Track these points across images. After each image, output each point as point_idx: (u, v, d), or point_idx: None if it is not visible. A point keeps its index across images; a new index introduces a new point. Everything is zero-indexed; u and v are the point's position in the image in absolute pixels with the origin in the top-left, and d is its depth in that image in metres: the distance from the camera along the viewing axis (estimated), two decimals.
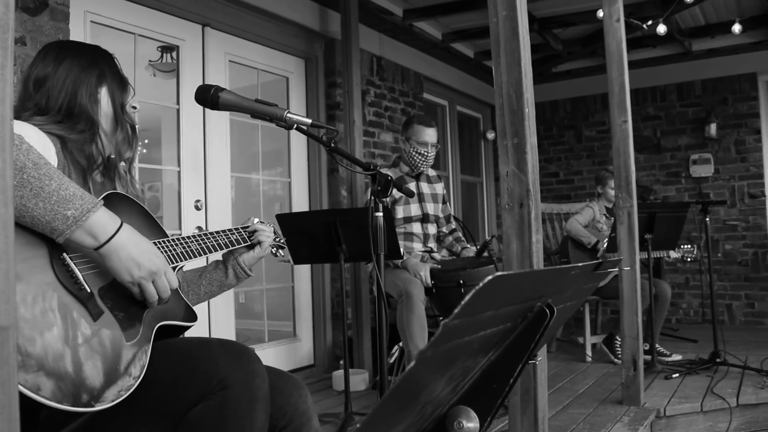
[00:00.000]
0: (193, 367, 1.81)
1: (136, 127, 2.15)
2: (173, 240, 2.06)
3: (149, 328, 1.86)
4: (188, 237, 2.12)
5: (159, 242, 1.99)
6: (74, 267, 1.69)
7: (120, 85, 2.08)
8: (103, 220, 1.68)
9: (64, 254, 1.68)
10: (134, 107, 2.16)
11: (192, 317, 2.06)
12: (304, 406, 2.08)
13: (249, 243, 2.38)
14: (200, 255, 2.13)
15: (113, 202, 1.94)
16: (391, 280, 4.46)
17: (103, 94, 2.03)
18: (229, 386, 1.78)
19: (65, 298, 1.63)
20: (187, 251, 2.08)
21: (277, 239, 2.52)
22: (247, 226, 2.40)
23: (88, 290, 1.70)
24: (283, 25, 5.69)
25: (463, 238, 5.15)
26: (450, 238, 5.08)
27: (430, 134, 4.81)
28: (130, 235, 1.75)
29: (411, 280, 4.39)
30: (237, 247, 2.34)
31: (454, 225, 5.20)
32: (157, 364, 1.81)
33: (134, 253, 1.74)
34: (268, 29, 5.57)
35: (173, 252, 2.03)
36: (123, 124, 2.07)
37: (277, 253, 2.53)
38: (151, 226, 2.06)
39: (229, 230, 2.32)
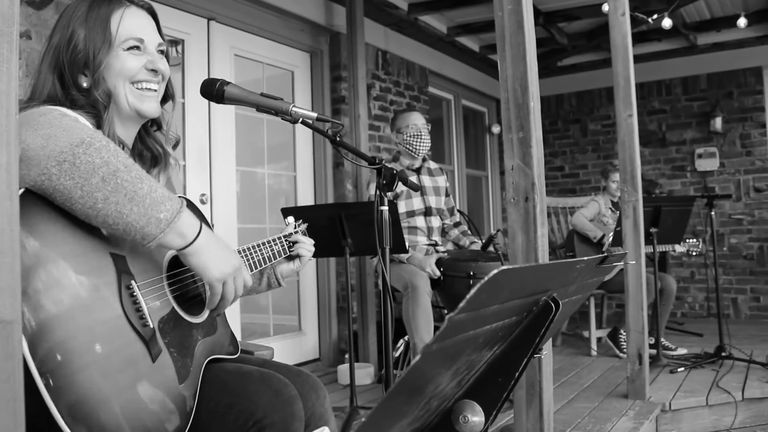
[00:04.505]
0: (230, 403, 1.73)
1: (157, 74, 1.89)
2: None
3: (199, 365, 1.76)
4: (239, 251, 2.03)
5: None
6: (141, 299, 1.59)
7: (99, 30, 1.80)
8: (189, 218, 1.60)
9: (133, 282, 1.59)
10: (161, 51, 1.91)
11: (236, 349, 1.97)
12: (322, 409, 2.00)
13: (289, 254, 2.27)
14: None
15: None
16: (397, 273, 4.46)
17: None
18: (265, 429, 1.70)
19: (130, 336, 1.53)
20: None
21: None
22: (289, 234, 2.29)
23: (152, 325, 1.60)
24: (288, 19, 5.68)
25: (469, 232, 5.14)
26: (456, 231, 5.07)
27: (414, 117, 4.90)
28: (209, 232, 1.67)
29: (417, 272, 4.39)
30: (279, 260, 2.24)
31: (458, 218, 5.19)
32: None
33: (219, 249, 1.68)
34: (273, 23, 5.57)
35: None
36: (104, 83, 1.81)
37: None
38: None
39: (273, 240, 2.21)
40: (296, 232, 2.32)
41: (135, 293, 1.58)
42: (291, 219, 2.39)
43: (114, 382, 1.45)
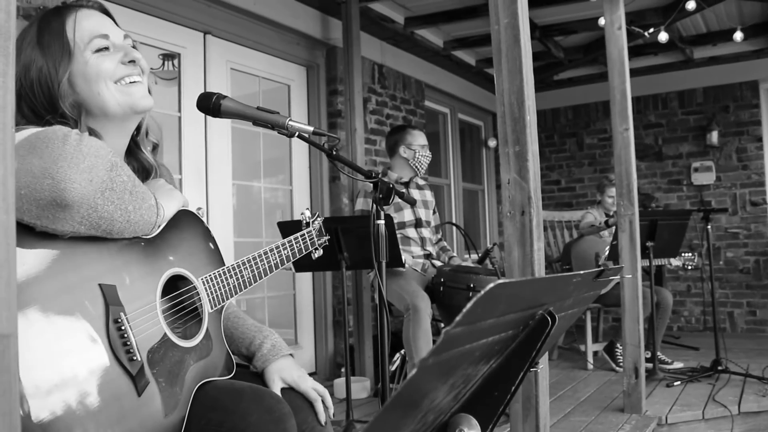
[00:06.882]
0: (221, 420, 1.68)
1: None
2: (227, 270, 1.94)
3: (189, 390, 1.71)
4: (242, 263, 1.99)
5: (213, 275, 1.88)
6: (130, 332, 1.54)
7: (57, 50, 1.73)
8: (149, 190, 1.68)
9: (122, 314, 1.53)
10: (133, 44, 1.85)
11: (231, 369, 1.90)
12: (321, 426, 1.95)
13: (293, 259, 2.21)
14: (252, 284, 2.01)
15: (180, 220, 1.86)
16: (397, 292, 4.45)
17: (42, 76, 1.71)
18: None
19: (115, 371, 1.49)
20: (240, 282, 1.96)
21: (321, 241, 2.40)
22: (302, 234, 2.27)
23: (139, 359, 1.54)
24: (284, 33, 5.69)
25: (449, 248, 5.20)
26: (436, 248, 5.11)
27: (423, 138, 5.13)
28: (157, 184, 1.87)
29: (419, 293, 4.38)
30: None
31: (440, 235, 5.30)
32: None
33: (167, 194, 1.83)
34: (269, 37, 5.58)
35: (225, 287, 1.92)
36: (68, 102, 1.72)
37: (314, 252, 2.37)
38: (209, 251, 1.94)
39: (281, 245, 2.16)
40: (309, 230, 2.33)
41: (123, 327, 1.53)
42: (306, 212, 2.38)
43: (97, 418, 1.42)
